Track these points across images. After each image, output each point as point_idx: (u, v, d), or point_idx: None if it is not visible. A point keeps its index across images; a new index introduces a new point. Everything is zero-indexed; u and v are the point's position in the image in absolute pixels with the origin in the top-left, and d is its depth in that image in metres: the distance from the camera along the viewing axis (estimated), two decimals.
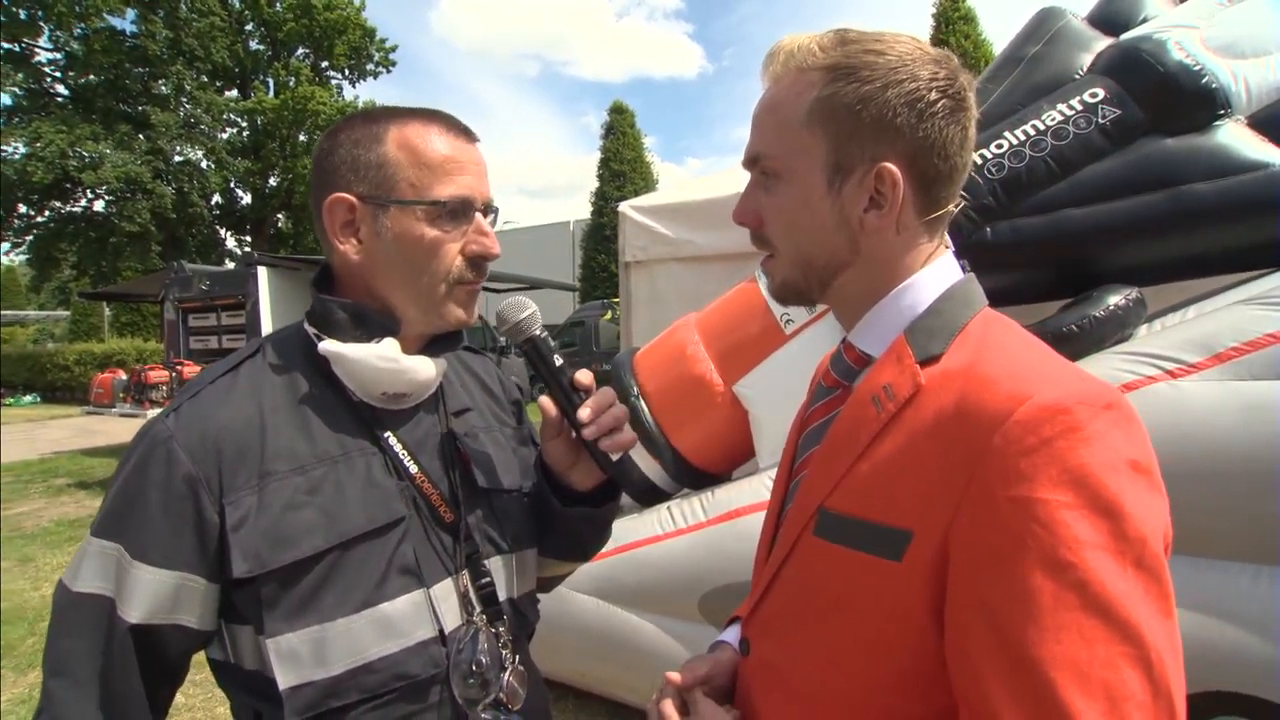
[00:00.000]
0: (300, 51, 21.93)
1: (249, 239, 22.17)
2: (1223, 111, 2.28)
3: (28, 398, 16.73)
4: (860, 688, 0.61)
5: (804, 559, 0.66)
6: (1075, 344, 1.86)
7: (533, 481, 0.97)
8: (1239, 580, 1.40)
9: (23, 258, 19.66)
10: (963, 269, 0.69)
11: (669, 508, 2.47)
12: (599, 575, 2.44)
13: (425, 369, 0.82)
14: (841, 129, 0.63)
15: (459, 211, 0.79)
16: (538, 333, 0.86)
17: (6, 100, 17.92)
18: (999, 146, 2.32)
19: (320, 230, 0.80)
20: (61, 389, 16.74)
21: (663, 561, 2.29)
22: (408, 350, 0.81)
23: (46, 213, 18.63)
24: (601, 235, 18.43)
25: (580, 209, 22.81)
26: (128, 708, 0.70)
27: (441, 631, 0.77)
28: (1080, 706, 0.47)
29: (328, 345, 0.77)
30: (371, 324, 0.79)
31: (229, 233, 22.56)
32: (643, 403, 2.75)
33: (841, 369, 0.72)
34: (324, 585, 0.72)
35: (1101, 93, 2.36)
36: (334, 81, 22.72)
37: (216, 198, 21.17)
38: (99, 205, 18.60)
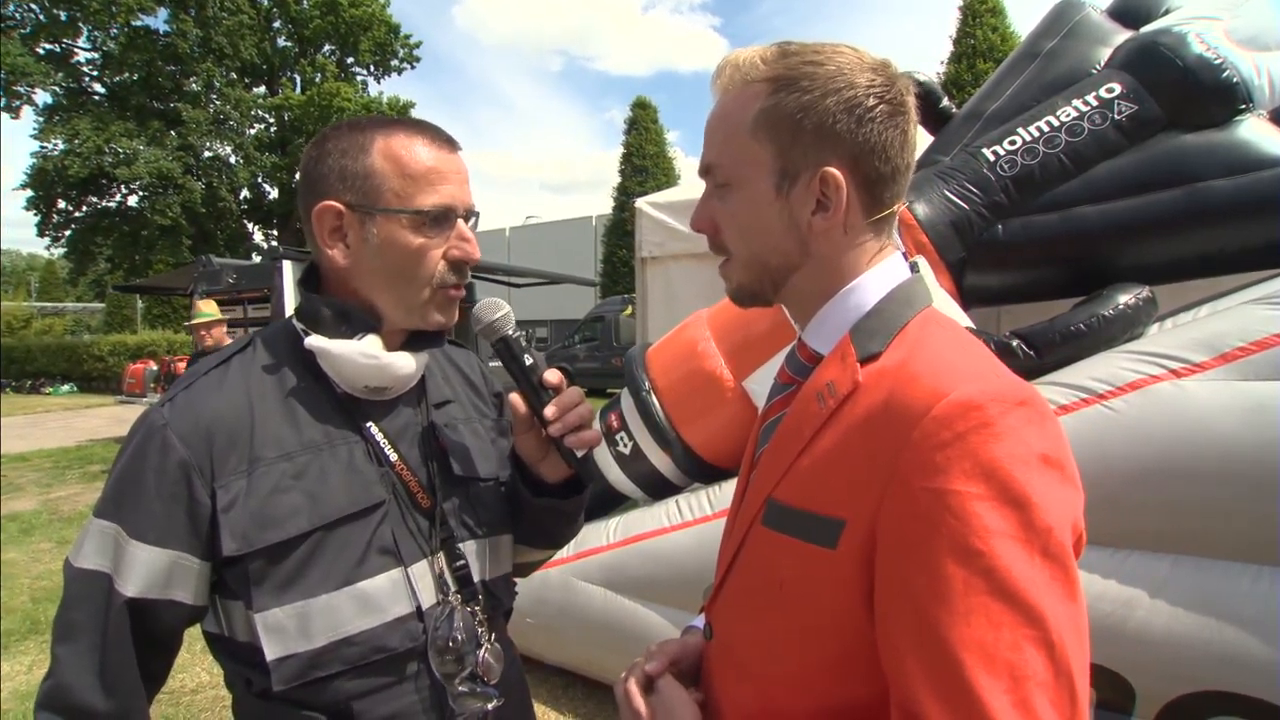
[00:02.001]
0: (326, 48, 22.21)
1: (275, 233, 22.57)
2: (1244, 106, 2.24)
3: (65, 387, 17.25)
4: (804, 670, 0.64)
5: (754, 547, 0.70)
6: (1083, 342, 1.85)
7: (509, 471, 1.00)
8: (1240, 581, 1.40)
9: (61, 251, 20.19)
10: (911, 268, 0.72)
11: (677, 501, 2.50)
12: (608, 566, 2.48)
13: (405, 364, 0.85)
14: (785, 137, 0.66)
15: (441, 219, 0.82)
16: (510, 332, 0.90)
17: (47, 99, 18.45)
18: (1011, 143, 2.30)
19: (308, 234, 0.84)
20: (97, 379, 17.21)
21: (670, 553, 2.32)
22: (389, 346, 0.85)
23: (84, 208, 19.16)
24: (623, 230, 18.47)
25: (603, 204, 22.87)
26: (121, 673, 0.75)
27: (419, 608, 0.82)
28: (985, 685, 0.50)
29: (313, 341, 0.81)
30: (355, 321, 0.83)
31: (256, 227, 22.99)
32: (654, 397, 2.78)
33: (795, 366, 0.75)
34: (307, 564, 0.77)
35: (1118, 88, 2.33)
36: (359, 78, 23.00)
37: (244, 192, 21.59)
38: (133, 200, 19.10)
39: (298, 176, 0.89)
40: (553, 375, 0.90)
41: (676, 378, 2.75)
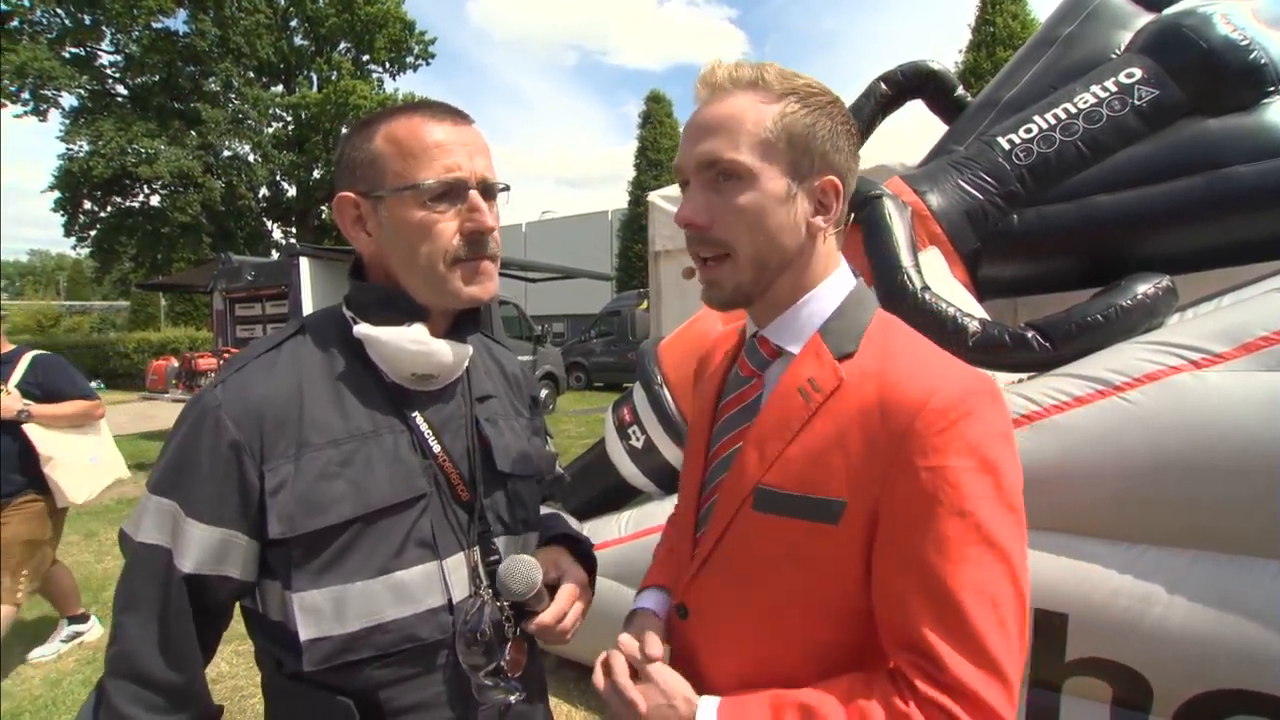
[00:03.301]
0: (342, 46, 22.36)
1: (294, 230, 22.83)
2: (1272, 89, 2.17)
3: (92, 384, 17.56)
4: (799, 630, 0.75)
5: (743, 530, 0.77)
6: (1100, 334, 1.81)
7: (546, 469, 1.05)
8: (1261, 577, 1.36)
9: (87, 251, 20.58)
10: (853, 273, 0.83)
11: None
12: (617, 560, 2.48)
13: (452, 352, 0.87)
14: (800, 145, 0.74)
15: (448, 192, 0.82)
16: (526, 598, 0.88)
17: (73, 102, 18.79)
18: (1027, 132, 2.26)
19: (341, 226, 0.87)
20: (122, 375, 17.53)
21: None
22: (435, 334, 0.87)
23: (108, 208, 19.51)
24: (638, 225, 18.45)
25: (619, 199, 22.84)
26: (182, 644, 0.78)
27: (450, 601, 0.84)
28: (976, 613, 0.65)
29: (362, 329, 0.83)
30: (401, 308, 0.85)
31: (275, 224, 23.26)
32: (666, 391, 2.78)
33: (757, 361, 0.83)
34: (348, 550, 0.79)
35: (1138, 73, 2.27)
36: (375, 75, 23.13)
37: (263, 190, 21.85)
38: (154, 200, 19.41)
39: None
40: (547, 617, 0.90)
41: (689, 371, 2.73)
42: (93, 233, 19.66)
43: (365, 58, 22.68)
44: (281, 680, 0.83)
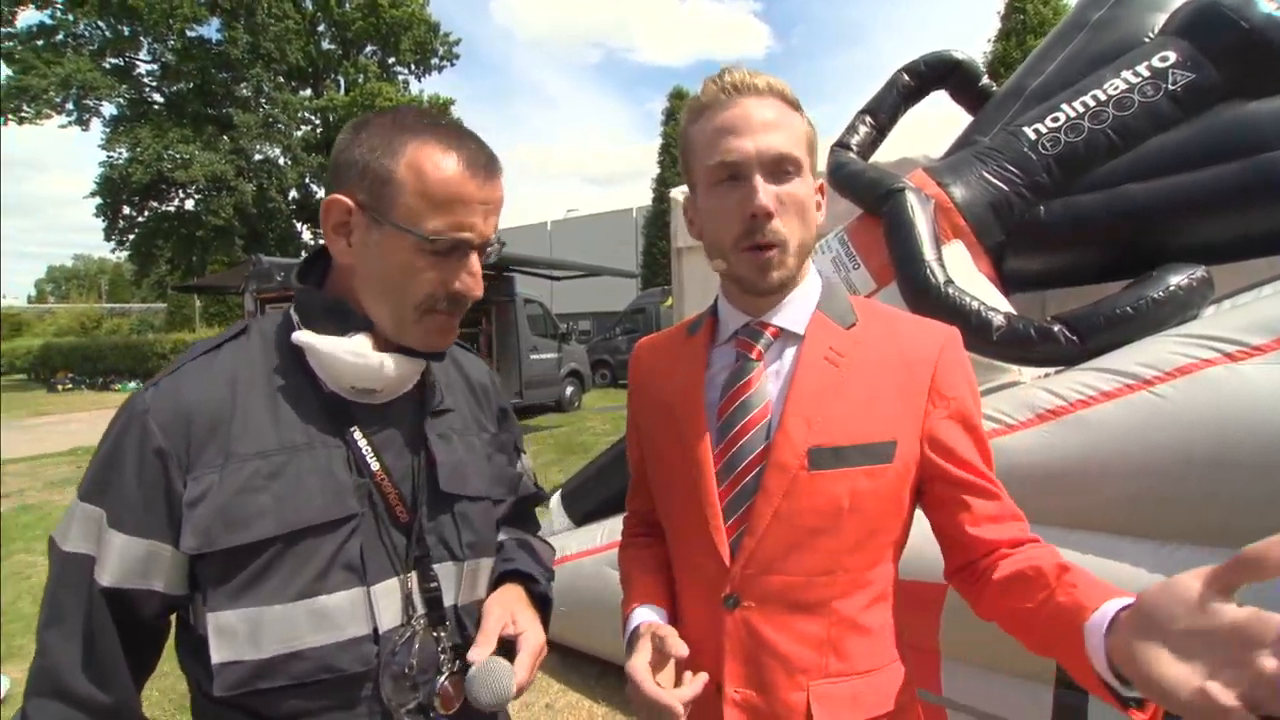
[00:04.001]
0: (369, 49, 22.70)
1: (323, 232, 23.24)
2: None
3: (132, 384, 18.13)
4: (860, 571, 0.85)
5: (805, 492, 0.82)
6: (1130, 327, 1.76)
7: (505, 490, 0.98)
8: None
9: (125, 254, 21.22)
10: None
11: None
12: None
13: (397, 366, 0.81)
14: (813, 150, 0.87)
15: (451, 250, 0.78)
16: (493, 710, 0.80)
17: (113, 110, 19.40)
18: (1054, 120, 2.20)
19: (321, 220, 0.82)
20: None
21: None
22: (380, 347, 0.80)
23: (145, 212, 20.11)
24: (662, 222, 18.43)
25: (644, 196, 22.82)
26: (108, 661, 0.73)
27: (376, 630, 0.77)
28: (1000, 489, 0.85)
29: (300, 335, 0.78)
30: (349, 319, 0.79)
31: (305, 226, 23.71)
32: None
33: (757, 337, 0.89)
34: (267, 570, 0.73)
35: (1173, 56, 2.19)
36: (400, 77, 23.44)
37: (293, 193, 22.28)
38: (189, 204, 19.96)
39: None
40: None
41: None
42: (131, 237, 20.30)
43: (391, 60, 23.00)
44: (204, 702, 0.77)
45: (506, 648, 0.84)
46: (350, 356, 0.78)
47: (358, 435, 0.81)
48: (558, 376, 11.41)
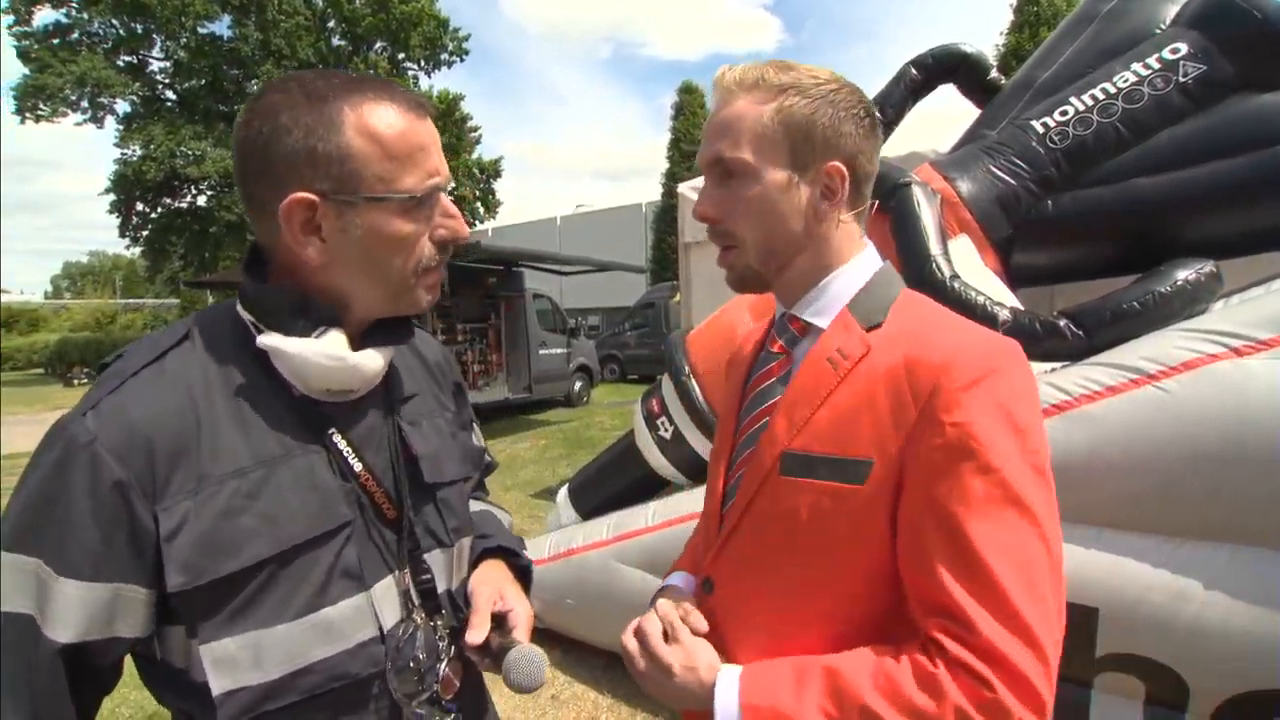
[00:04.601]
0: (378, 45, 22.74)
1: None
2: None
3: None
4: (827, 596, 0.75)
5: (771, 497, 0.78)
6: (1137, 321, 1.75)
7: (474, 467, 0.97)
8: None
9: (139, 251, 21.44)
10: (880, 257, 0.85)
11: None
12: (647, 549, 2.50)
13: (372, 363, 0.76)
14: (799, 134, 0.77)
15: (428, 199, 0.74)
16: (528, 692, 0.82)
17: (126, 108, 19.58)
18: (1063, 114, 2.19)
19: (264, 225, 0.72)
20: None
21: None
22: (352, 339, 0.76)
23: (158, 209, 20.30)
24: (672, 217, 18.37)
25: (654, 191, 22.79)
26: None
27: (381, 631, 0.76)
28: (1002, 572, 0.63)
29: (267, 339, 0.71)
30: (315, 313, 0.73)
31: None
32: (694, 382, 2.78)
33: (788, 338, 0.85)
34: (263, 593, 0.68)
35: (1184, 48, 2.18)
36: (410, 73, 23.48)
37: None
38: (201, 200, 20.12)
39: (235, 153, 0.73)
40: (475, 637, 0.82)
41: (717, 362, 2.74)
42: (144, 233, 20.48)
43: (401, 56, 23.03)
44: None
45: (498, 623, 0.85)
46: (325, 360, 0.72)
47: (337, 438, 0.76)
48: (566, 371, 11.43)
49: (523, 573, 0.97)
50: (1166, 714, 1.43)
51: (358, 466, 0.77)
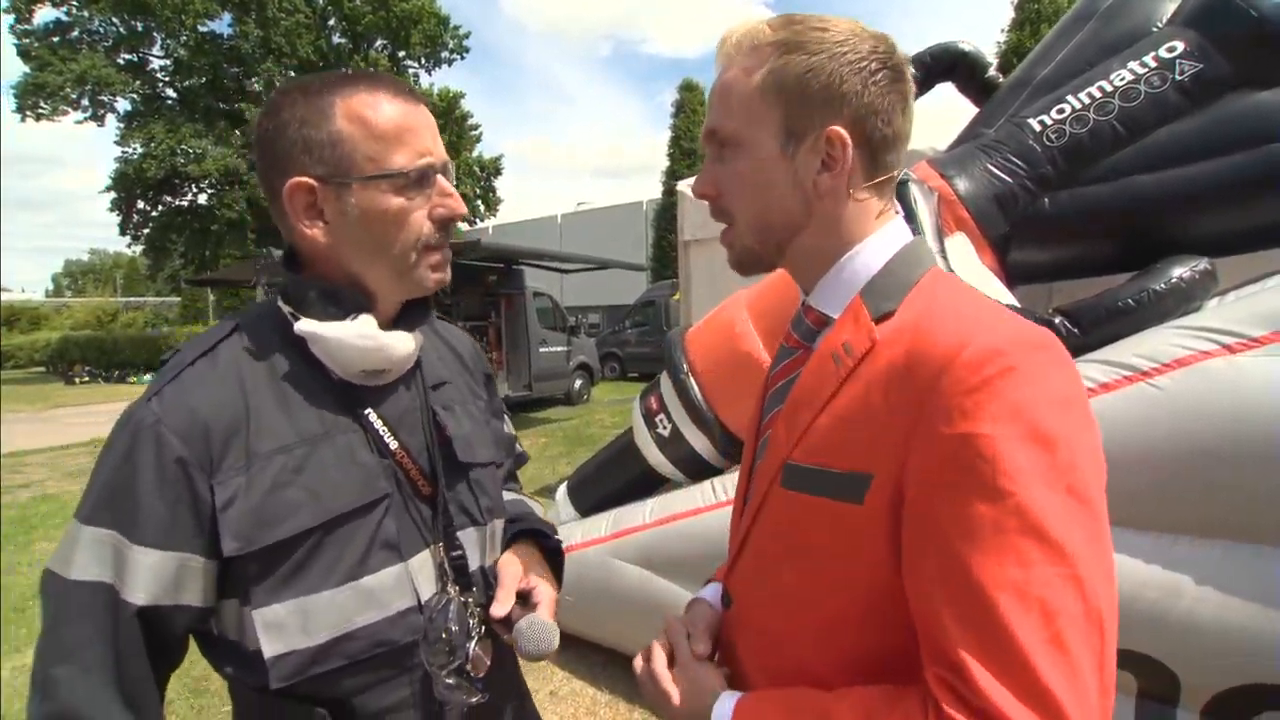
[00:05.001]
0: (379, 43, 22.73)
1: None
2: None
3: (147, 377, 18.38)
4: (830, 624, 0.66)
5: (774, 510, 0.71)
6: (1131, 319, 1.76)
7: (505, 453, 1.02)
8: None
9: (139, 249, 21.46)
10: (910, 231, 0.73)
11: (713, 482, 2.52)
12: (644, 545, 2.52)
13: (403, 344, 0.81)
14: (793, 97, 0.67)
15: (421, 178, 0.78)
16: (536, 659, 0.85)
17: (127, 106, 19.60)
18: (1060, 112, 2.19)
19: (279, 215, 0.79)
20: None
21: (704, 533, 2.34)
22: (383, 325, 0.81)
23: (159, 207, 20.33)
24: (672, 215, 18.32)
25: (655, 188, 22.79)
26: (138, 689, 0.71)
27: (419, 601, 0.80)
28: (1018, 622, 0.51)
29: (304, 325, 0.77)
30: (345, 301, 0.79)
31: None
32: (692, 380, 2.79)
33: (802, 331, 0.75)
34: (309, 561, 0.74)
35: (1180, 46, 2.18)
36: (410, 71, 23.47)
37: None
38: (202, 198, 20.14)
39: (253, 153, 0.79)
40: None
41: (715, 360, 2.75)
42: (145, 231, 20.51)
43: (401, 54, 23.02)
44: (249, 693, 0.77)
45: (523, 599, 0.87)
46: (360, 340, 0.78)
47: (373, 418, 0.81)
48: (566, 369, 11.44)
49: (553, 555, 1.00)
50: (1159, 708, 1.44)
51: (393, 445, 0.82)
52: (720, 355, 2.73)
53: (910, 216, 2.08)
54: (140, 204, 20.15)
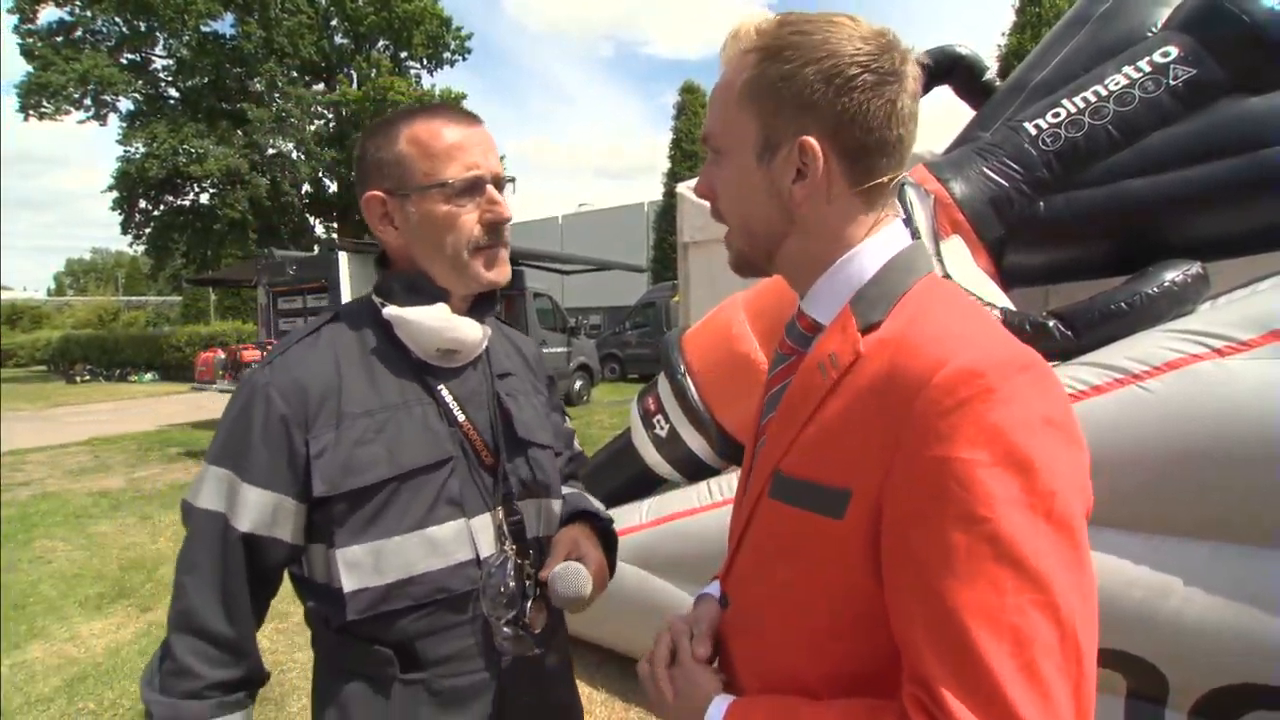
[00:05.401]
0: (381, 43, 22.76)
1: (335, 225, 23.41)
2: None
3: (148, 375, 18.41)
4: (814, 635, 0.66)
5: (763, 519, 0.71)
6: (1124, 322, 1.78)
7: (563, 444, 1.14)
8: None
9: (141, 248, 21.48)
10: (913, 235, 0.73)
11: (709, 482, 2.53)
12: (640, 545, 2.53)
13: (470, 329, 0.95)
14: (768, 106, 0.67)
15: (469, 188, 0.90)
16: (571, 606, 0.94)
17: (129, 106, 19.64)
18: (1055, 116, 2.21)
19: (368, 221, 0.96)
20: (175, 367, 18.28)
21: (700, 533, 2.35)
22: (456, 313, 0.95)
23: (161, 206, 20.35)
24: (673, 216, 18.35)
25: (656, 190, 22.81)
26: (238, 601, 0.86)
27: (478, 556, 0.91)
28: (990, 649, 0.50)
29: (391, 310, 0.92)
30: (425, 292, 0.93)
31: (318, 220, 23.87)
32: (689, 380, 2.80)
33: (795, 336, 0.75)
34: (384, 508, 0.87)
35: (1175, 51, 2.20)
36: (413, 71, 23.50)
37: (306, 187, 22.43)
38: (204, 198, 20.17)
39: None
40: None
41: (712, 361, 2.76)
42: (147, 230, 20.52)
43: (403, 54, 23.05)
44: (329, 635, 0.91)
45: None
46: (435, 321, 0.92)
47: (445, 393, 0.95)
48: (567, 370, 11.45)
49: (605, 534, 1.10)
50: (1147, 708, 1.45)
51: (461, 417, 0.95)
52: (717, 356, 2.74)
53: (908, 219, 2.09)
54: (142, 203, 20.16)
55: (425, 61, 23.52)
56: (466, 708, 0.91)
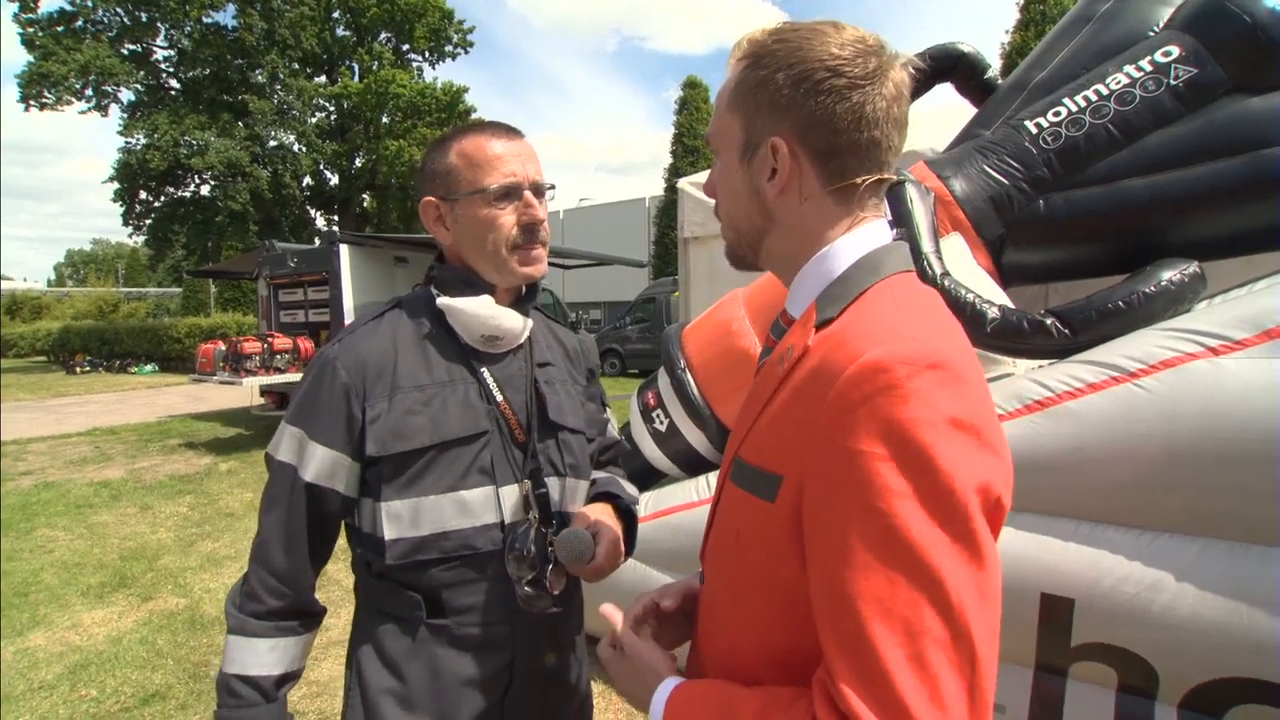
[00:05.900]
0: (383, 36, 22.72)
1: (336, 218, 23.39)
2: None
3: (148, 367, 18.41)
4: (756, 620, 0.69)
5: (726, 502, 0.75)
6: (1121, 320, 1.79)
7: (596, 431, 1.24)
8: (1272, 567, 1.34)
9: (142, 239, 21.46)
10: (900, 237, 0.74)
11: (707, 477, 2.54)
12: (639, 539, 2.54)
13: (512, 319, 1.07)
14: (750, 109, 0.71)
15: (506, 193, 1.03)
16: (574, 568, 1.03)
17: (130, 97, 19.60)
18: (1055, 115, 2.21)
19: (424, 222, 1.09)
20: (175, 359, 18.28)
21: (698, 527, 2.35)
22: (500, 305, 1.07)
23: (162, 198, 20.34)
24: (674, 212, 18.36)
25: (658, 185, 22.78)
26: (297, 540, 1.01)
27: (503, 521, 1.02)
28: (881, 638, 0.52)
29: (443, 300, 1.06)
30: (473, 285, 1.06)
31: (318, 212, 23.86)
32: (689, 376, 2.82)
33: (777, 331, 0.79)
34: (425, 471, 0.99)
35: (1176, 50, 2.20)
36: (414, 64, 23.45)
37: (307, 179, 22.40)
38: (205, 190, 20.15)
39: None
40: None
41: (711, 356, 2.77)
42: (148, 222, 20.52)
43: (405, 47, 23.00)
44: (370, 579, 1.06)
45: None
46: (480, 310, 1.05)
47: (486, 375, 1.07)
48: None
49: (625, 513, 1.19)
50: (1137, 701, 1.47)
51: (499, 397, 1.07)
52: (717, 351, 2.76)
53: (906, 217, 2.10)
54: (143, 195, 20.16)
55: (427, 54, 23.48)
56: (481, 654, 1.02)
